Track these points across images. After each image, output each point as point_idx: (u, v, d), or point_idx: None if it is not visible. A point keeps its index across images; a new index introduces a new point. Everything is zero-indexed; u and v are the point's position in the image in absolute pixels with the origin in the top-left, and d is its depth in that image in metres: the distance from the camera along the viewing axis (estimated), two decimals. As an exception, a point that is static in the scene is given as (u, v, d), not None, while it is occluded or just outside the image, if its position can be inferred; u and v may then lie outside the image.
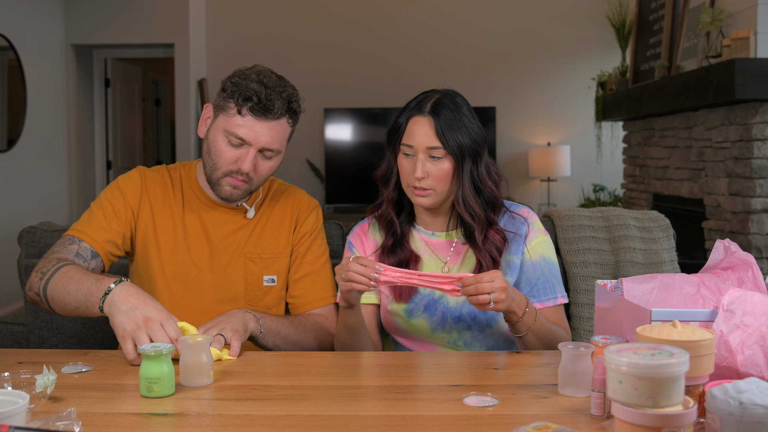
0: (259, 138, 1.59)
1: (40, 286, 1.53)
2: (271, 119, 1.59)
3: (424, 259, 1.69)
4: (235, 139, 1.59)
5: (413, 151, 1.61)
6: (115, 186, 1.72)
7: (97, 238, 1.65)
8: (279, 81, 1.62)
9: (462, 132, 1.59)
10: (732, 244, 1.32)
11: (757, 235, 3.52)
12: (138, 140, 7.41)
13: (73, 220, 6.14)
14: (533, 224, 1.71)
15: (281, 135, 1.62)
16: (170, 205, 1.72)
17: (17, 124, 5.51)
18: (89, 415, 1.13)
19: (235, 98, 1.58)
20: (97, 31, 6.25)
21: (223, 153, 1.61)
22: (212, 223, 1.72)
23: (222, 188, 1.64)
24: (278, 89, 1.59)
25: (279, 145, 1.63)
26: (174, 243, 1.70)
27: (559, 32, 6.38)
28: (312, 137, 6.54)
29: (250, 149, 1.59)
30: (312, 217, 1.79)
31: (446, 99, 1.63)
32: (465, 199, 1.61)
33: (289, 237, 1.76)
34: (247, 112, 1.58)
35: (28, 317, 2.11)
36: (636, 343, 1.00)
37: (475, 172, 1.62)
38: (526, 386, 1.29)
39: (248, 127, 1.58)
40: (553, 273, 1.69)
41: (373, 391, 1.29)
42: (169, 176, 1.75)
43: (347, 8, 6.53)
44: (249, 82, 1.58)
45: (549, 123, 6.49)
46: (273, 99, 1.58)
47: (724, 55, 3.60)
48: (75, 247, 1.62)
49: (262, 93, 1.57)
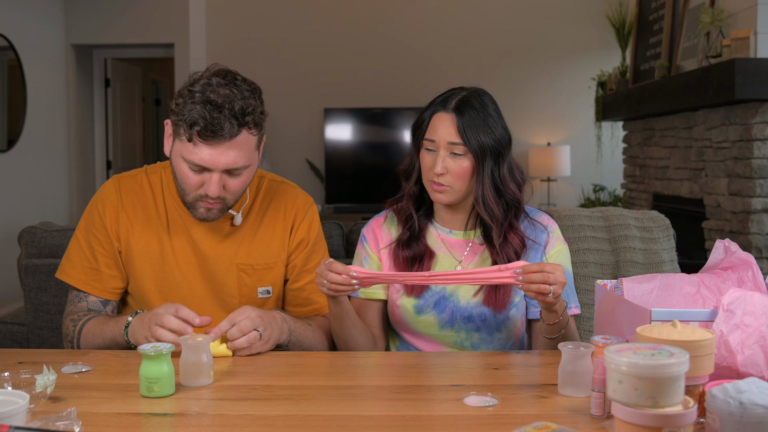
0: (219, 161, 1.47)
1: (73, 346, 1.63)
2: (225, 140, 1.45)
3: (438, 256, 1.68)
4: (195, 166, 1.48)
5: (435, 146, 1.61)
6: (95, 213, 1.66)
7: (98, 286, 1.65)
8: (230, 91, 1.46)
9: (485, 131, 1.58)
10: (732, 244, 1.32)
11: (757, 235, 3.52)
12: (138, 140, 7.41)
13: (73, 220, 6.15)
14: (553, 233, 1.70)
15: (243, 150, 1.49)
16: (152, 218, 1.65)
17: (17, 124, 5.51)
18: (89, 415, 1.13)
19: (182, 124, 1.46)
20: (97, 31, 6.25)
21: (187, 179, 1.51)
22: (199, 233, 1.64)
23: (196, 211, 1.56)
24: (226, 105, 1.44)
25: (245, 161, 1.50)
26: (161, 257, 1.64)
27: (559, 32, 6.38)
28: (312, 137, 6.54)
29: (213, 174, 1.49)
30: (307, 219, 1.72)
31: (472, 97, 1.62)
32: (485, 199, 1.60)
33: (283, 243, 1.69)
34: (197, 139, 1.45)
35: (28, 317, 2.11)
36: (636, 343, 1.00)
37: (497, 173, 1.61)
38: (526, 386, 1.29)
39: (203, 153, 1.46)
40: (569, 284, 1.68)
41: (373, 391, 1.29)
42: (148, 183, 1.67)
43: (347, 8, 6.53)
44: (193, 104, 1.44)
45: (549, 123, 6.49)
46: (221, 121, 1.43)
47: (724, 55, 3.60)
48: (84, 305, 1.65)
49: (207, 116, 1.42)
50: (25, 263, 2.11)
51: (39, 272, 2.09)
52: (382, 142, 6.43)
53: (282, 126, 6.47)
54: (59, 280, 2.06)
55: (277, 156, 6.46)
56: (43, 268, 2.09)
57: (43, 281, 2.09)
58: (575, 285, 2.00)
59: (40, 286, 2.09)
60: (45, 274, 2.09)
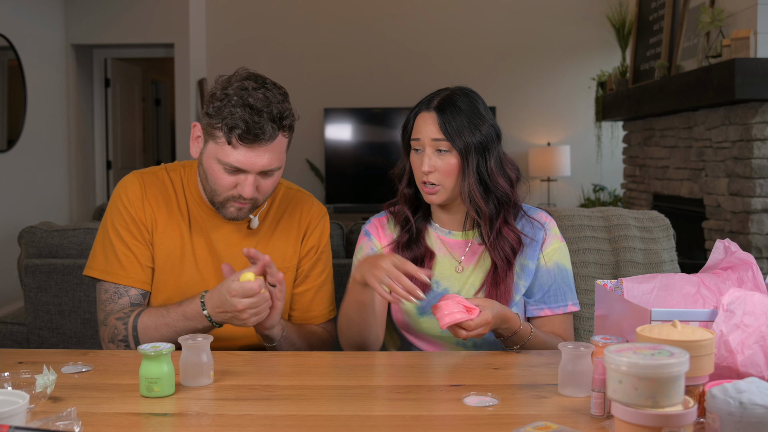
0: (256, 164, 1.50)
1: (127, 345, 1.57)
2: (264, 144, 1.49)
3: (438, 257, 1.69)
4: (230, 168, 1.51)
5: (421, 145, 1.62)
6: (121, 207, 1.63)
7: (139, 278, 1.62)
8: (265, 95, 1.49)
9: (467, 126, 1.59)
10: (732, 244, 1.32)
11: (757, 235, 3.52)
12: (138, 140, 7.41)
13: (73, 220, 6.15)
14: (550, 230, 1.71)
15: (278, 153, 1.53)
16: (174, 214, 1.65)
17: (17, 124, 5.51)
18: (89, 415, 1.13)
19: (221, 127, 1.48)
20: (97, 31, 6.25)
21: (220, 180, 1.54)
22: (217, 233, 1.66)
23: (227, 210, 1.58)
24: (266, 109, 1.47)
25: (278, 162, 1.54)
26: (182, 253, 1.64)
27: (559, 32, 6.38)
28: (312, 137, 6.54)
29: (248, 175, 1.52)
30: (319, 228, 1.74)
31: (455, 95, 1.63)
32: (471, 194, 1.61)
33: (296, 248, 1.71)
34: (237, 142, 1.48)
35: (28, 317, 2.11)
36: (636, 343, 1.00)
37: (484, 168, 1.61)
38: (526, 386, 1.29)
39: (241, 156, 1.49)
40: (566, 281, 1.69)
41: (374, 391, 1.29)
42: (169, 180, 1.68)
43: (347, 8, 6.53)
44: (233, 107, 1.46)
45: (549, 123, 6.49)
46: (262, 125, 1.47)
47: (724, 55, 3.60)
48: (126, 300, 1.61)
49: (249, 120, 1.45)
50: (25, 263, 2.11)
51: (39, 272, 2.09)
52: (382, 142, 6.43)
53: (282, 126, 6.47)
54: (59, 280, 2.07)
55: (277, 156, 6.45)
56: (43, 268, 2.09)
57: (43, 281, 2.09)
58: (575, 285, 2.00)
59: (40, 286, 2.09)
60: (45, 274, 2.09)
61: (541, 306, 1.67)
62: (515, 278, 1.65)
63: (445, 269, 1.68)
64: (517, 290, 1.65)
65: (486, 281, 1.63)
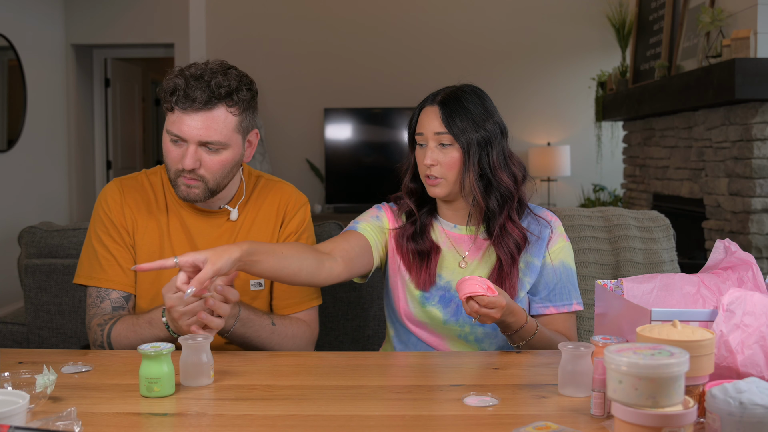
0: (192, 132, 1.54)
1: (105, 348, 1.60)
2: (199, 110, 1.53)
3: (443, 251, 1.70)
4: (173, 137, 1.56)
5: (424, 140, 1.64)
6: (102, 214, 1.68)
7: (119, 280, 1.65)
8: (206, 67, 1.56)
9: (470, 120, 1.60)
10: (732, 244, 1.32)
11: (757, 235, 3.52)
12: (138, 140, 7.41)
13: (73, 220, 6.15)
14: (556, 229, 1.71)
15: (219, 125, 1.55)
16: (153, 213, 1.69)
17: (17, 124, 5.51)
18: (89, 415, 1.13)
19: (163, 96, 1.56)
20: (97, 31, 6.25)
21: (168, 153, 1.59)
22: (196, 228, 1.69)
23: (179, 189, 1.61)
24: (205, 78, 1.54)
25: (220, 136, 1.55)
26: (160, 249, 1.67)
27: (559, 32, 6.38)
28: (312, 137, 6.54)
29: (189, 145, 1.55)
30: (299, 215, 1.74)
31: (460, 90, 1.65)
32: (472, 188, 1.62)
33: (274, 236, 1.72)
34: (175, 107, 1.54)
35: (28, 317, 2.11)
36: (636, 343, 1.00)
37: (486, 162, 1.62)
38: (526, 386, 1.29)
39: (179, 121, 1.54)
40: (571, 280, 1.70)
41: (373, 391, 1.29)
42: (148, 182, 1.72)
43: (347, 8, 6.52)
44: (173, 77, 1.55)
45: (549, 123, 6.49)
46: (195, 89, 1.52)
47: (724, 55, 3.60)
48: (107, 304, 1.64)
49: (182, 84, 1.53)
50: (25, 263, 2.11)
51: (39, 272, 2.09)
52: (382, 142, 6.43)
53: (282, 126, 6.47)
54: (59, 280, 2.07)
55: (277, 156, 6.46)
56: (43, 268, 2.09)
57: (43, 281, 2.09)
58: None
59: (40, 286, 2.09)
60: (45, 274, 2.09)
61: (546, 304, 1.67)
62: (520, 275, 1.65)
63: (449, 263, 1.68)
64: (522, 287, 1.66)
65: (491, 277, 1.64)
